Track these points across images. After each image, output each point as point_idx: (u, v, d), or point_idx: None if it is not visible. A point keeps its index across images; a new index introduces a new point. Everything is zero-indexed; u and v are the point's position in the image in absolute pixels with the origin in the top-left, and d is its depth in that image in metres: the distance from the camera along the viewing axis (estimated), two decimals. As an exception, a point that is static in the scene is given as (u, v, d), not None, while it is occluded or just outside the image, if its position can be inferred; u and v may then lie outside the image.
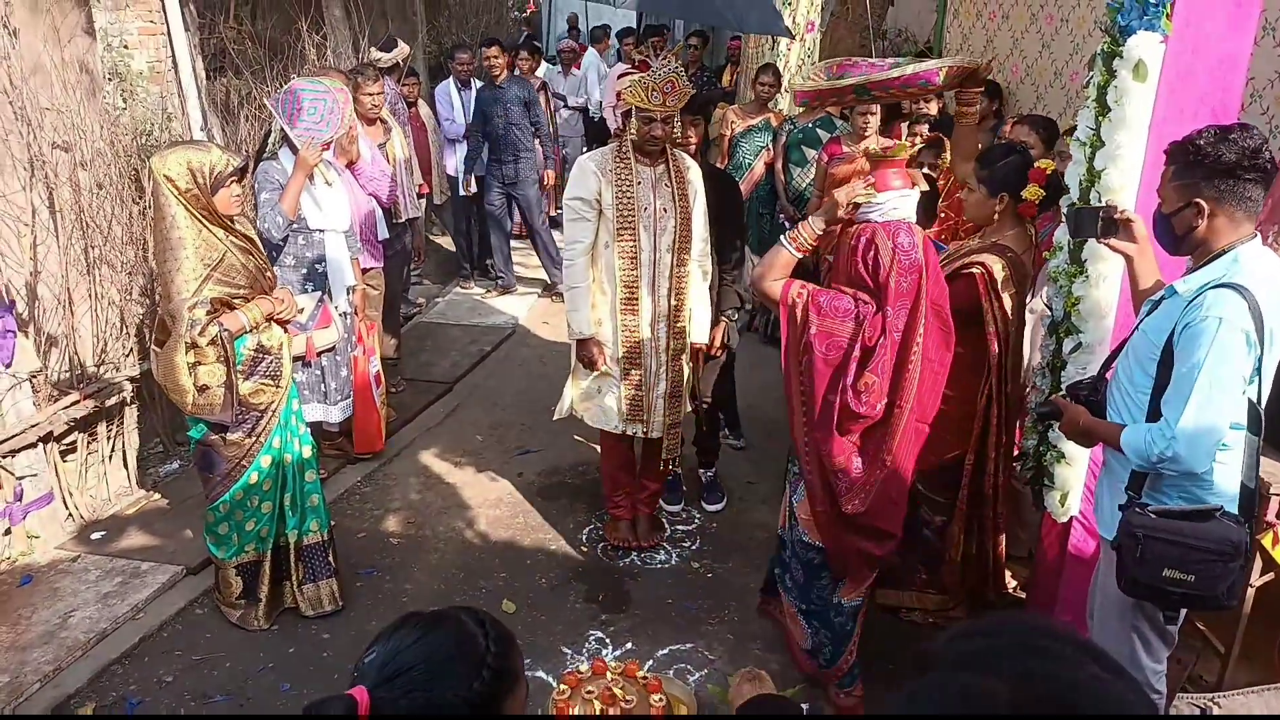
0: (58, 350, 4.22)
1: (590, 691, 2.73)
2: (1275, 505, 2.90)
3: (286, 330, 3.38)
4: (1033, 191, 3.14)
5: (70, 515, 4.11)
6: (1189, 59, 2.72)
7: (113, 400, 4.23)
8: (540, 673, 3.27)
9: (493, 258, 7.57)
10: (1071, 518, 3.10)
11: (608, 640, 3.49)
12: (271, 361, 3.29)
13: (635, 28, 12.49)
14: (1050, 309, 3.13)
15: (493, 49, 6.86)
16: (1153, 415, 2.24)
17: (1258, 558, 2.85)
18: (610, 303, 3.73)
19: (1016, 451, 3.36)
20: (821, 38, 7.14)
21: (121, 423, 4.35)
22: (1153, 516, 2.19)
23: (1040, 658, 0.79)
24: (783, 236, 2.84)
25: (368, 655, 1.25)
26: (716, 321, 4.02)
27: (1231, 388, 2.13)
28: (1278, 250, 3.11)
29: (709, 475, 4.52)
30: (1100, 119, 2.86)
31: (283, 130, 4.01)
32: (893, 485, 2.78)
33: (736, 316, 4.11)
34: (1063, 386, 2.86)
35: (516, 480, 4.68)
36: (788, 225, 5.33)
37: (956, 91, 3.42)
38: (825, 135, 5.62)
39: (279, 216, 3.88)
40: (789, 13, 6.54)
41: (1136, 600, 2.34)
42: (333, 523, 3.69)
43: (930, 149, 4.86)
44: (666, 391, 3.84)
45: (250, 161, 3.98)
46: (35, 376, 3.93)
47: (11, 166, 3.99)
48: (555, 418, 4.00)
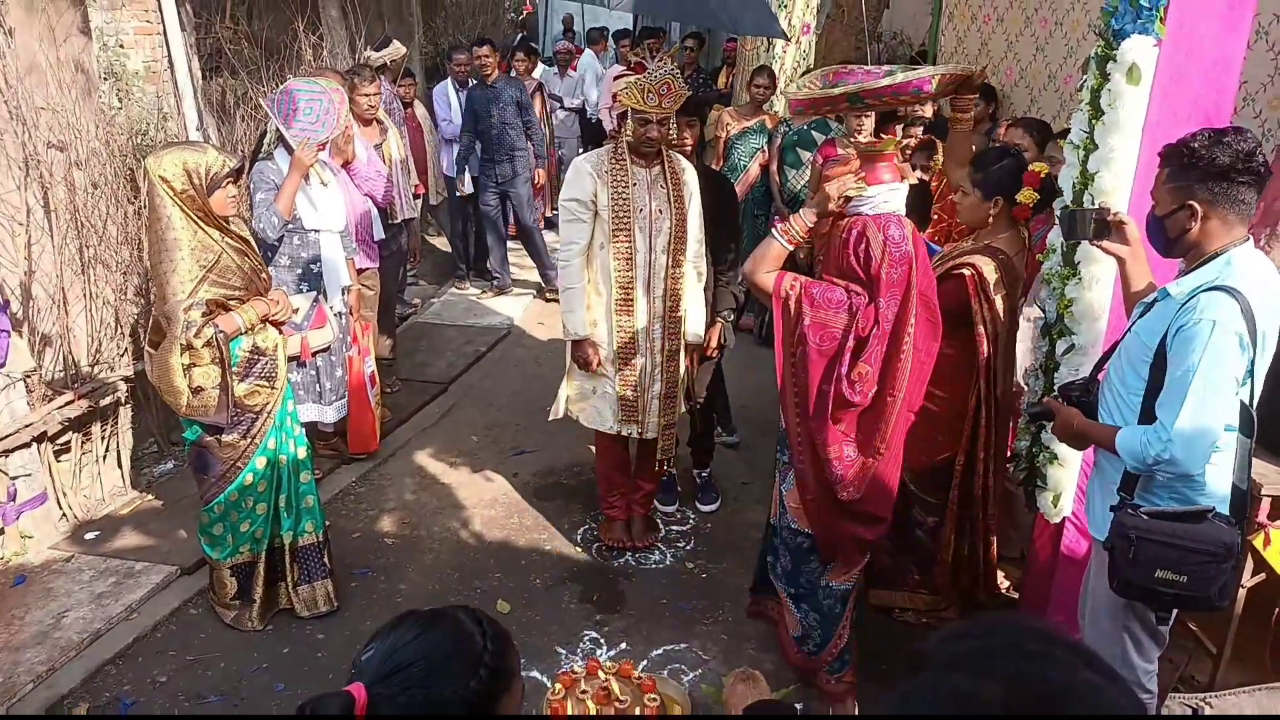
0: (52, 350, 4.21)
1: (584, 691, 2.73)
2: (1266, 506, 2.92)
3: (281, 331, 3.39)
4: (1027, 195, 3.15)
5: (64, 515, 4.10)
6: (1182, 62, 2.73)
7: (107, 400, 4.22)
8: (535, 673, 3.27)
9: (489, 258, 7.58)
10: (1064, 518, 3.12)
11: (602, 640, 3.50)
12: (266, 363, 3.29)
13: (631, 30, 12.50)
14: (1043, 311, 3.14)
15: (484, 48, 6.85)
16: (1145, 417, 2.25)
17: (1249, 559, 2.87)
18: (605, 304, 3.73)
19: (1009, 453, 3.38)
20: (817, 40, 7.15)
21: (116, 423, 4.34)
22: (1145, 518, 2.21)
23: (1032, 660, 0.80)
24: (774, 229, 2.87)
25: (365, 653, 1.26)
26: (712, 322, 4.03)
27: (1226, 390, 2.14)
28: (1270, 253, 3.13)
29: (703, 476, 4.53)
30: (1094, 122, 2.87)
31: (278, 130, 4.01)
32: (885, 472, 2.83)
33: (732, 317, 4.12)
34: (1055, 388, 2.88)
35: (511, 481, 4.68)
36: (783, 226, 5.33)
37: (951, 97, 3.43)
38: (820, 137, 5.62)
39: (274, 217, 3.88)
40: (784, 15, 6.55)
41: (1128, 600, 2.35)
42: (328, 523, 3.69)
43: (923, 151, 4.87)
44: (661, 392, 3.85)
45: (246, 162, 3.98)
46: (29, 376, 3.92)
47: (6, 166, 3.98)
48: (550, 418, 4.01)
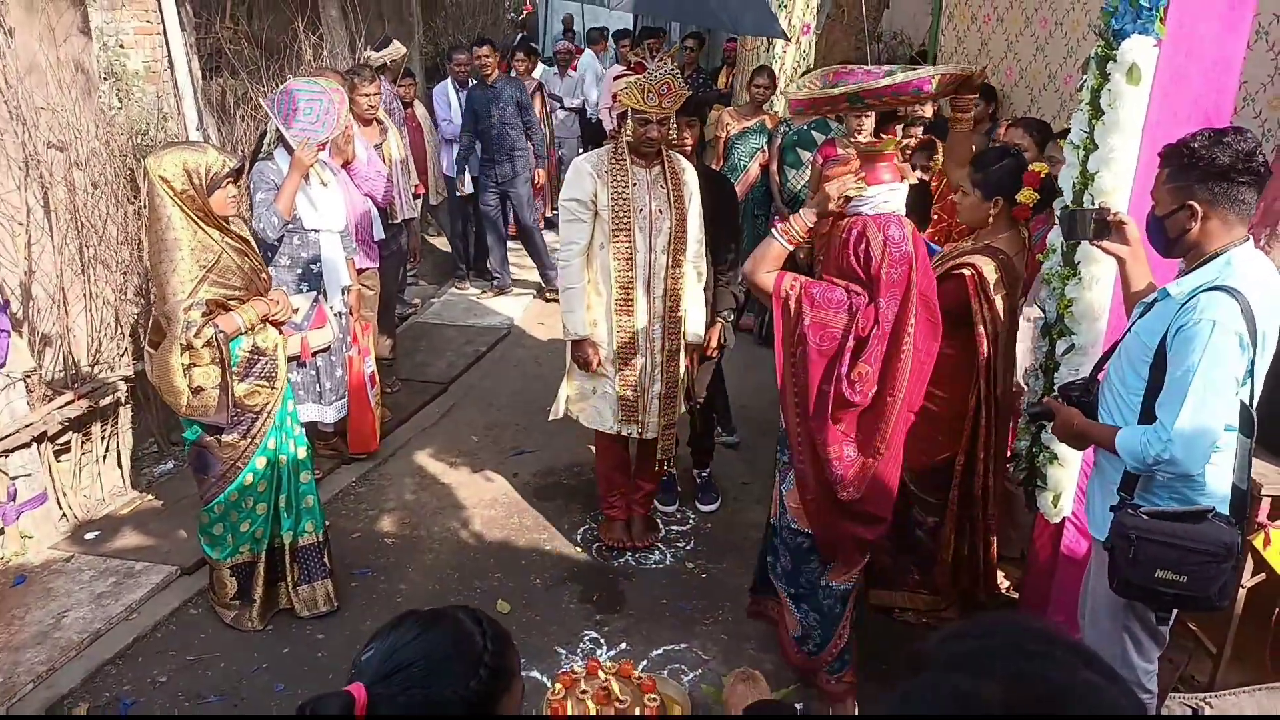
0: (52, 350, 4.21)
1: (584, 692, 2.73)
2: (1266, 506, 2.92)
3: (281, 331, 3.38)
4: (1027, 195, 3.15)
5: (64, 515, 4.10)
6: (1182, 62, 2.73)
7: (107, 400, 4.22)
8: (535, 673, 3.27)
9: (489, 258, 7.57)
10: (1064, 518, 3.12)
11: (602, 640, 3.50)
12: (266, 363, 3.29)
13: (631, 30, 12.50)
14: (1043, 311, 3.14)
15: (484, 48, 6.84)
16: (1145, 417, 2.25)
17: (1249, 559, 2.87)
18: (606, 304, 3.73)
19: (1010, 453, 3.38)
20: (817, 40, 7.15)
21: (116, 422, 4.34)
22: (1145, 518, 2.20)
23: (1032, 660, 0.80)
24: (774, 229, 2.87)
25: (365, 652, 1.26)
26: (712, 322, 4.03)
27: (1226, 390, 2.14)
28: (1270, 253, 3.13)
29: (703, 476, 4.53)
30: (1094, 122, 2.87)
31: (278, 130, 4.01)
32: (885, 471, 2.84)
33: (732, 317, 4.12)
34: (1055, 388, 2.88)
35: (511, 481, 4.68)
36: (783, 226, 5.33)
37: (951, 98, 3.43)
38: (820, 137, 5.62)
39: (274, 217, 3.88)
40: (784, 15, 6.55)
41: (1128, 600, 2.35)
42: (327, 523, 3.69)
43: (923, 151, 4.87)
44: (661, 392, 3.85)
45: (246, 162, 3.98)
46: (29, 376, 3.92)
47: (6, 166, 3.98)
48: (550, 418, 4.01)
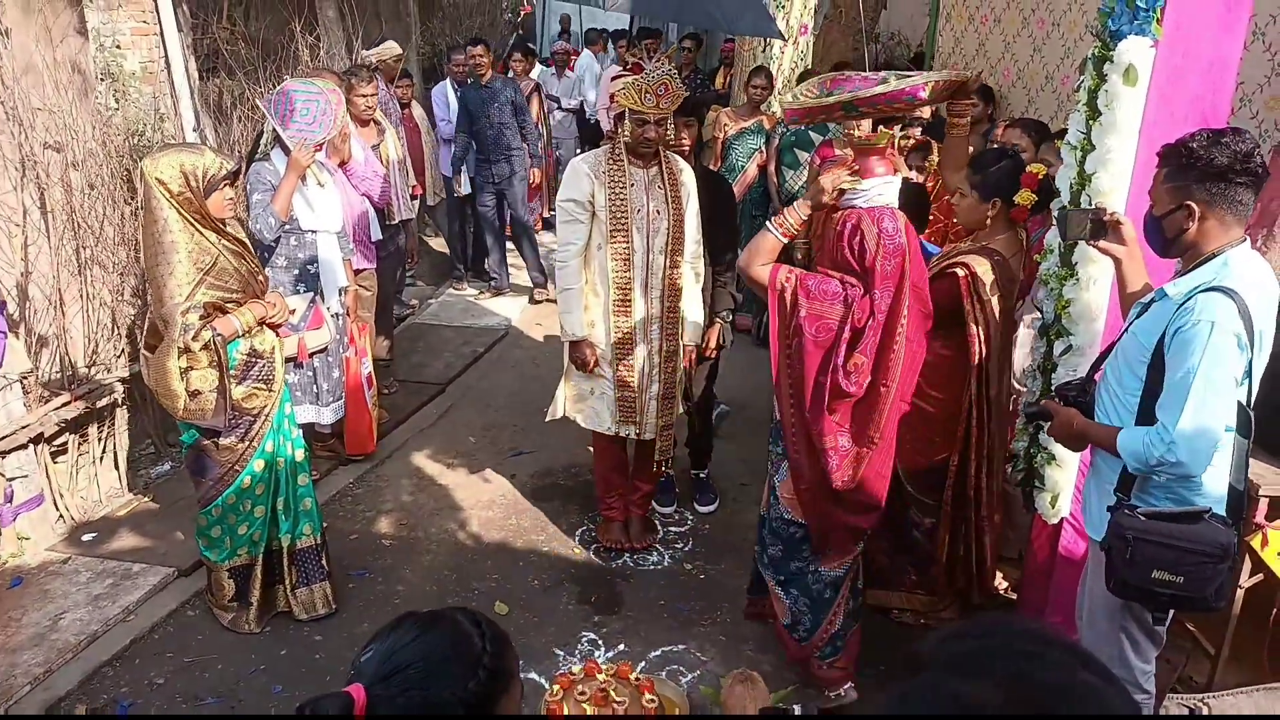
0: (49, 351, 4.20)
1: (583, 693, 2.73)
2: (1264, 507, 2.92)
3: (278, 333, 3.38)
4: (1025, 196, 3.15)
5: (61, 517, 4.09)
6: (1179, 63, 2.74)
7: (104, 401, 4.21)
8: (533, 674, 3.27)
9: (487, 259, 7.57)
10: (1062, 519, 3.12)
11: (600, 641, 3.50)
12: (264, 365, 3.28)
13: (628, 30, 12.50)
14: (1041, 312, 3.14)
15: (478, 48, 6.79)
16: (1142, 417, 2.25)
17: (1246, 559, 2.87)
18: (603, 304, 3.73)
19: (1008, 454, 3.38)
20: (814, 41, 7.15)
21: (113, 424, 4.33)
22: (1142, 519, 2.21)
23: (1030, 661, 0.80)
24: (769, 221, 2.90)
25: (364, 654, 1.26)
26: (711, 323, 4.03)
27: (1225, 391, 2.14)
28: (1266, 254, 3.13)
29: (701, 477, 4.53)
30: (1091, 123, 2.88)
31: (275, 131, 4.00)
32: (879, 461, 2.88)
33: (731, 318, 4.12)
34: (1053, 389, 2.88)
35: (509, 482, 4.67)
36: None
37: (948, 103, 3.43)
38: (818, 138, 5.63)
39: (271, 218, 3.88)
40: (782, 16, 6.55)
41: (1125, 601, 2.35)
42: (325, 525, 3.68)
43: (918, 152, 4.88)
44: (659, 393, 3.85)
45: (243, 163, 3.97)
46: (26, 377, 3.91)
47: (2, 167, 3.98)
48: (548, 419, 4.01)
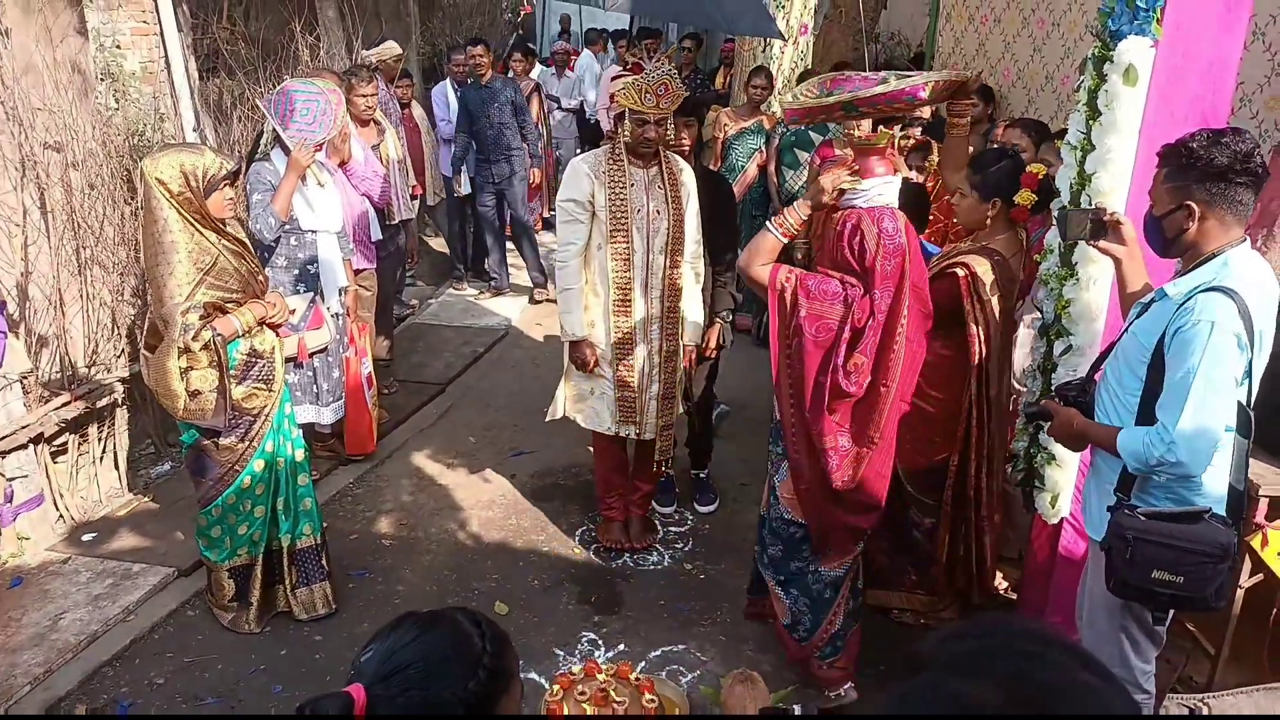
0: (49, 351, 4.20)
1: (583, 693, 2.73)
2: (1264, 507, 2.92)
3: (278, 333, 3.37)
4: (1025, 196, 3.15)
5: (61, 517, 4.09)
6: (1179, 63, 2.74)
7: (104, 401, 4.21)
8: (533, 674, 3.27)
9: (487, 259, 7.56)
10: (1062, 519, 3.12)
11: (600, 641, 3.50)
12: (264, 366, 3.28)
13: (628, 30, 12.49)
14: (1041, 312, 3.14)
15: (478, 48, 6.77)
16: (1142, 417, 2.25)
17: (1246, 559, 2.87)
18: (603, 304, 3.73)
19: (1008, 454, 3.38)
20: (814, 41, 7.15)
21: (112, 424, 4.33)
22: (1142, 519, 2.20)
23: (1030, 661, 0.80)
24: (769, 221, 2.90)
25: (364, 653, 1.26)
26: (711, 323, 4.03)
27: (1226, 391, 2.14)
28: (1267, 254, 3.13)
29: (701, 477, 4.53)
30: (1091, 123, 2.88)
31: (274, 131, 4.00)
32: (879, 460, 2.88)
33: (731, 318, 4.12)
34: (1053, 389, 2.88)
35: (509, 482, 4.67)
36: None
37: (948, 103, 3.42)
38: (818, 138, 5.62)
39: (271, 218, 3.88)
40: (782, 16, 6.55)
41: (1125, 601, 2.35)
42: (325, 525, 3.68)
43: (918, 152, 4.88)
44: (659, 393, 3.85)
45: (242, 163, 3.97)
46: (26, 377, 3.91)
47: (2, 167, 3.98)
48: (548, 419, 4.01)
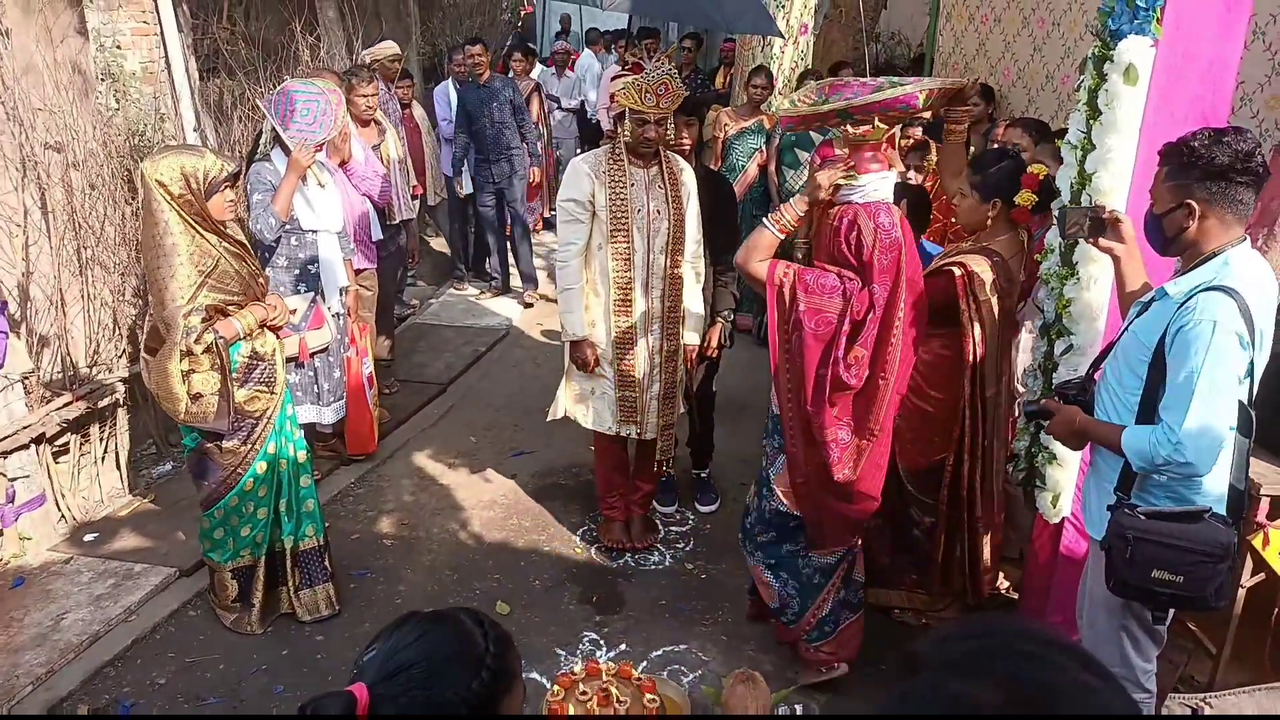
0: (50, 351, 4.20)
1: (584, 693, 2.73)
2: (1265, 506, 2.92)
3: (279, 335, 3.37)
4: (1025, 197, 3.15)
5: (63, 517, 4.09)
6: (1179, 63, 2.74)
7: (105, 401, 4.22)
8: (534, 674, 3.27)
9: (488, 259, 7.56)
10: (1063, 519, 3.12)
11: (602, 641, 3.50)
12: (265, 368, 3.27)
13: (627, 30, 12.49)
14: (1042, 311, 3.14)
15: (476, 47, 6.74)
16: (1142, 416, 2.25)
17: (1248, 559, 2.87)
18: (604, 304, 3.73)
19: (1009, 453, 3.38)
20: (815, 40, 7.15)
21: (114, 424, 4.33)
22: (1142, 518, 2.21)
23: (1030, 661, 0.80)
24: (765, 218, 2.93)
25: (367, 653, 1.26)
26: (712, 322, 4.03)
27: (1229, 390, 2.14)
28: (1268, 253, 3.13)
29: (702, 476, 4.53)
30: (1091, 122, 2.87)
31: (274, 131, 4.00)
32: (878, 452, 2.92)
33: (732, 317, 4.12)
34: (1053, 388, 2.88)
35: (510, 482, 4.67)
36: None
37: (945, 110, 3.42)
38: (818, 137, 5.62)
39: (271, 218, 3.87)
40: (782, 16, 6.55)
41: (1125, 600, 2.35)
42: (326, 525, 3.68)
43: (917, 152, 4.88)
44: (660, 393, 3.85)
45: (243, 165, 3.97)
46: (27, 378, 3.92)
47: (3, 167, 3.98)
48: (549, 419, 4.01)
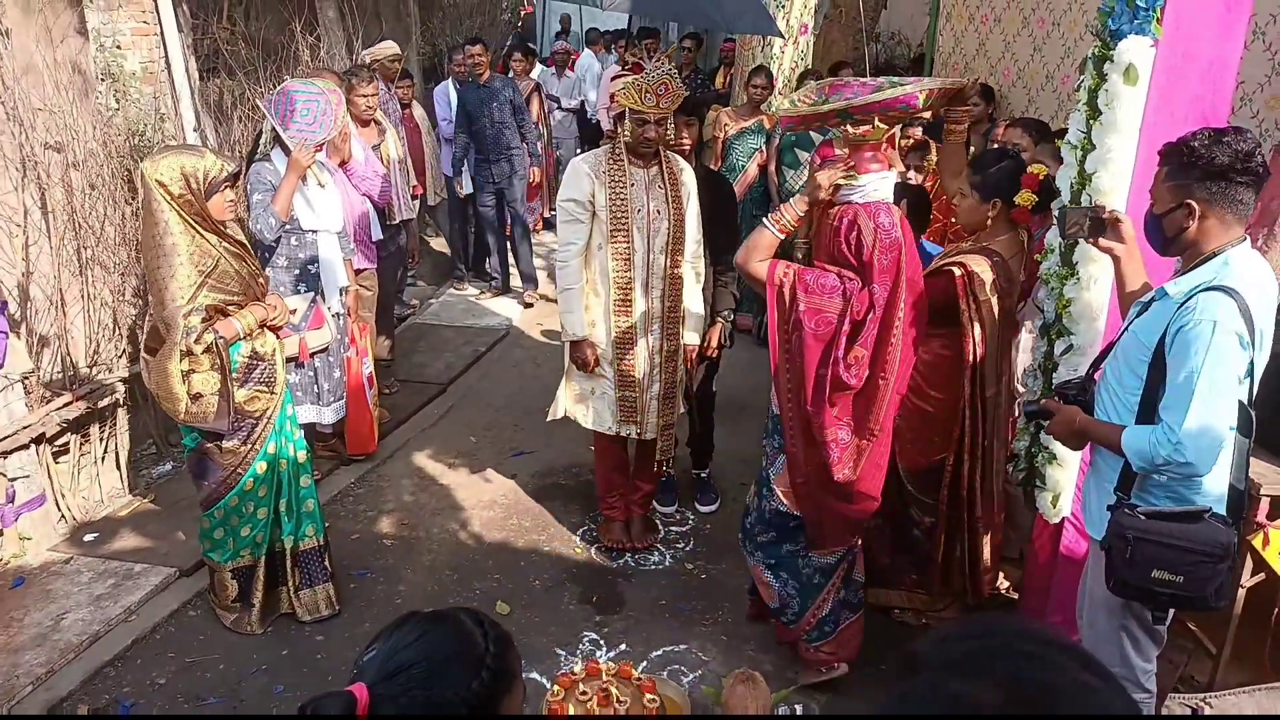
0: (50, 351, 4.20)
1: (584, 693, 2.73)
2: (1266, 506, 2.92)
3: (279, 335, 3.37)
4: (1025, 197, 3.15)
5: (63, 517, 4.10)
6: (1179, 63, 2.74)
7: (105, 401, 4.22)
8: (534, 674, 3.27)
9: (488, 259, 7.56)
10: (1063, 519, 3.12)
11: (602, 641, 3.50)
12: (265, 368, 3.27)
13: (627, 30, 12.48)
14: (1042, 311, 3.14)
15: (476, 47, 6.73)
16: (1142, 416, 2.25)
17: (1248, 559, 2.87)
18: (604, 304, 3.73)
19: (1009, 453, 3.38)
20: (815, 40, 7.15)
21: (114, 424, 4.33)
22: (1142, 518, 2.21)
23: (1030, 661, 0.80)
24: (765, 218, 2.93)
25: (367, 653, 1.26)
26: (712, 323, 4.03)
27: (1229, 390, 2.14)
28: (1267, 254, 3.13)
29: (702, 476, 4.53)
30: (1091, 122, 2.87)
31: (274, 130, 4.00)
32: (878, 452, 2.93)
33: (732, 317, 4.12)
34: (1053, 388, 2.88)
35: (510, 482, 4.67)
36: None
37: (945, 110, 3.42)
38: (818, 137, 5.62)
39: (271, 218, 3.87)
40: (782, 16, 6.55)
41: (1125, 600, 2.35)
42: (326, 525, 3.68)
43: (917, 152, 4.88)
44: (660, 393, 3.85)
45: (243, 164, 3.97)
46: (27, 377, 3.92)
47: (3, 167, 3.98)
48: (549, 419, 4.01)
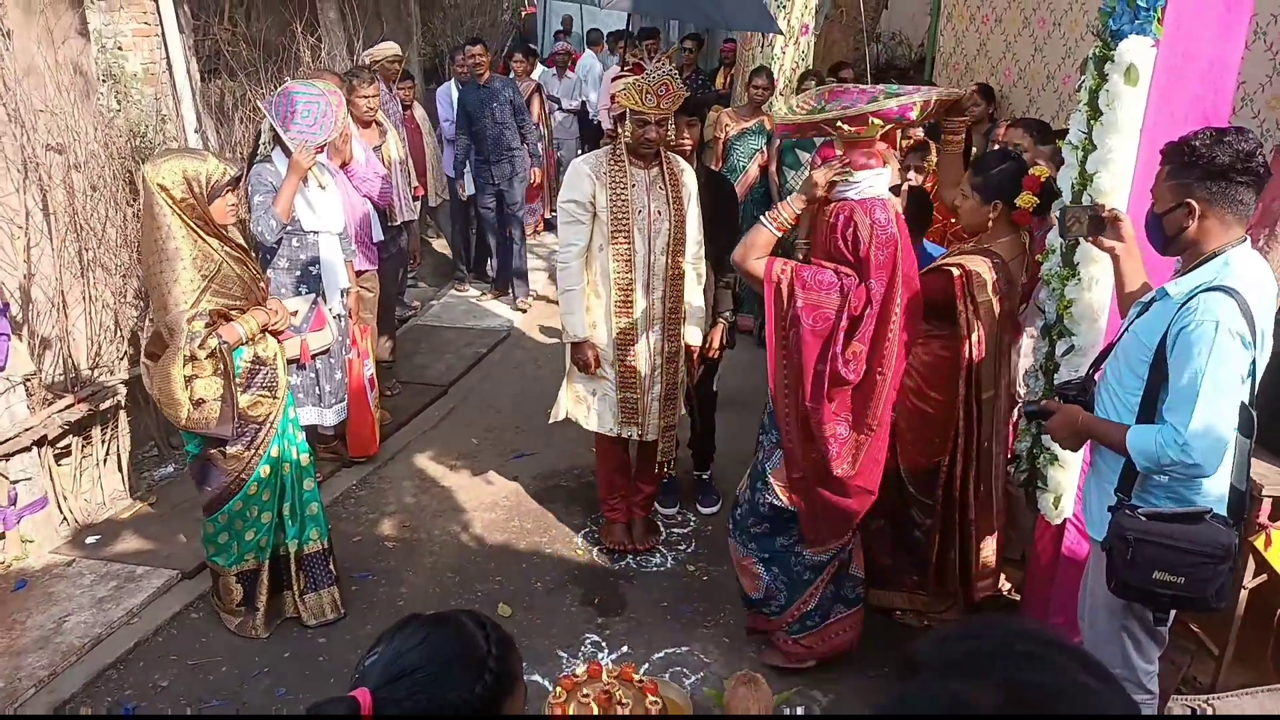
0: (51, 353, 4.21)
1: (586, 695, 2.73)
2: (1267, 507, 2.92)
3: (280, 338, 3.37)
4: (1026, 199, 3.14)
5: (65, 519, 4.10)
6: (1180, 63, 2.73)
7: (107, 403, 4.22)
8: (536, 676, 3.27)
9: (490, 260, 7.56)
10: (1065, 520, 3.11)
11: (604, 643, 3.50)
12: (267, 372, 3.26)
13: (627, 30, 12.46)
14: (1043, 312, 3.14)
15: (477, 47, 6.71)
16: (1143, 416, 2.25)
17: (1250, 560, 2.87)
18: (605, 305, 3.73)
19: (1010, 454, 3.37)
20: (815, 41, 7.15)
21: (116, 426, 4.33)
22: (1143, 519, 2.20)
23: (1030, 662, 0.80)
24: (762, 216, 2.94)
25: (369, 656, 1.26)
26: (714, 323, 4.03)
27: (1232, 390, 2.14)
28: (1269, 254, 3.13)
29: (704, 478, 4.53)
30: (1092, 123, 2.87)
31: (274, 131, 4.00)
32: (876, 447, 2.95)
33: (733, 318, 4.12)
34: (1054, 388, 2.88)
35: (512, 483, 4.67)
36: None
37: (942, 120, 3.41)
38: (819, 138, 5.62)
39: (272, 220, 3.87)
40: (783, 16, 6.55)
41: (1126, 601, 2.35)
42: (330, 527, 3.68)
43: (916, 152, 4.87)
44: (661, 394, 3.85)
45: (244, 167, 3.97)
46: (29, 380, 3.92)
47: (5, 168, 3.98)
48: (550, 421, 4.01)
